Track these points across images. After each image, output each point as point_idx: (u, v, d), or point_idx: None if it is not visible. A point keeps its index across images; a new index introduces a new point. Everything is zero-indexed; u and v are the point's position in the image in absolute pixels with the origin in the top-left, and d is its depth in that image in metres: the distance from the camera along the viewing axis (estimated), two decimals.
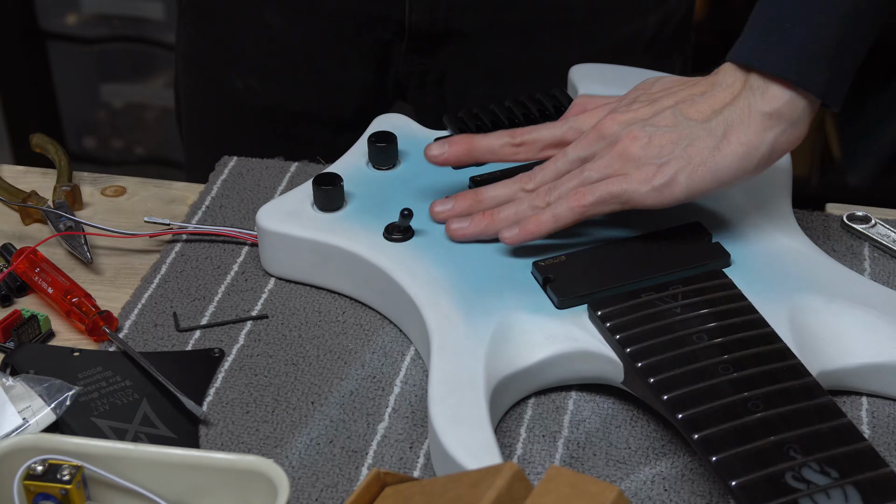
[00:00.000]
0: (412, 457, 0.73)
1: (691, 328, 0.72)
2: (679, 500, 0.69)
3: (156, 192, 0.97)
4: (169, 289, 0.86)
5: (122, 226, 0.92)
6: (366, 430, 0.75)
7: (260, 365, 0.79)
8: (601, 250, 0.80)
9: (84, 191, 0.96)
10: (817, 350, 0.74)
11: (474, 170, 0.88)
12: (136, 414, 0.75)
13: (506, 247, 0.81)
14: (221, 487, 0.65)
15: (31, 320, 0.81)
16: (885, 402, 0.76)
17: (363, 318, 0.83)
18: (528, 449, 0.73)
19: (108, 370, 0.78)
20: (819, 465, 0.63)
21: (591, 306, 0.76)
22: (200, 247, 0.90)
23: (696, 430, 0.65)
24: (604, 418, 0.75)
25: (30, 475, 0.65)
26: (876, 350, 0.74)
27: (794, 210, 0.87)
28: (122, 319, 0.83)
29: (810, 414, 0.66)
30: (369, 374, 0.78)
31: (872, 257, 0.87)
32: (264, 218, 0.85)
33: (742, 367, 0.69)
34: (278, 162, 0.98)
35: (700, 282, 0.76)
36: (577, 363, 0.75)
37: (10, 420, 0.72)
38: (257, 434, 0.75)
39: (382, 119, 0.94)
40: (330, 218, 0.84)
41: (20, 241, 0.90)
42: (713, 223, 0.82)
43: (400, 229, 0.82)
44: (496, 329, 0.74)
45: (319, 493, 0.71)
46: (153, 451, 0.66)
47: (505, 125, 0.91)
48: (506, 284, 0.78)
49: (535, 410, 0.76)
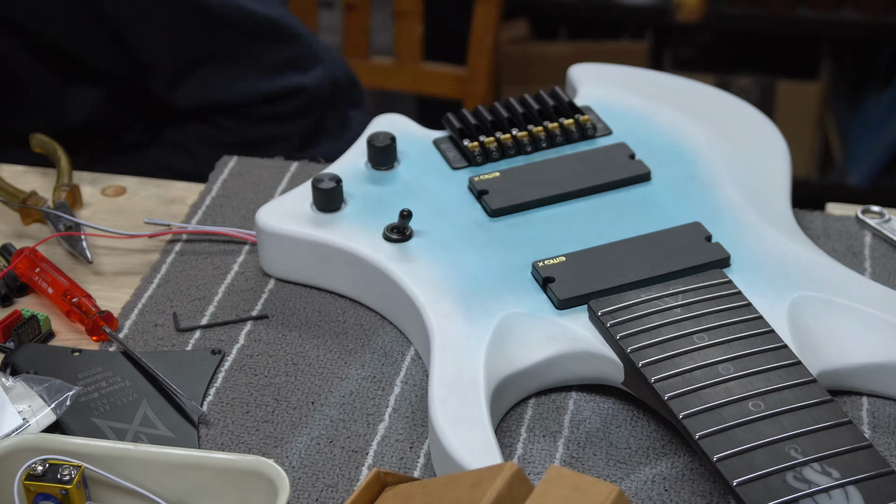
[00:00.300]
0: (412, 457, 0.73)
1: (692, 328, 0.72)
2: (679, 500, 0.69)
3: (156, 192, 0.97)
4: (169, 289, 0.86)
5: (122, 226, 0.92)
6: (366, 430, 0.75)
7: (260, 365, 0.79)
8: (601, 251, 0.80)
9: (84, 191, 0.96)
10: (817, 350, 0.74)
11: (474, 169, 0.89)
12: (136, 414, 0.75)
13: (506, 247, 0.81)
14: (221, 487, 0.65)
15: (32, 320, 0.81)
16: (886, 402, 0.76)
17: (363, 318, 0.83)
18: (528, 449, 0.73)
19: (108, 370, 0.78)
20: (820, 465, 0.63)
21: (591, 307, 0.76)
22: (200, 247, 0.90)
23: (697, 430, 0.65)
24: (604, 418, 0.75)
25: (30, 475, 0.65)
26: (876, 350, 0.74)
27: (794, 210, 0.87)
28: (122, 319, 0.83)
29: (811, 414, 0.66)
30: (369, 374, 0.78)
31: (873, 257, 0.87)
32: (263, 218, 0.84)
33: (742, 367, 0.69)
34: (278, 162, 0.98)
35: (700, 282, 0.76)
36: (577, 364, 0.75)
37: (10, 420, 0.72)
38: (257, 434, 0.75)
39: (382, 119, 0.94)
40: (329, 218, 0.84)
41: (20, 241, 0.90)
42: (713, 223, 0.82)
43: (399, 229, 0.82)
44: (496, 329, 0.74)
45: (319, 493, 0.71)
46: (153, 451, 0.66)
47: (505, 125, 0.91)
48: (506, 285, 0.78)
49: (536, 410, 0.76)
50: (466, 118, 0.92)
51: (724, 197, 0.85)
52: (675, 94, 0.95)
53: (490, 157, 0.90)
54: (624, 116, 0.93)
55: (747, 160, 0.89)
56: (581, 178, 0.87)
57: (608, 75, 0.98)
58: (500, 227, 0.83)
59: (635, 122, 0.93)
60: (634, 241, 0.81)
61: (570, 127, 0.91)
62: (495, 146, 0.90)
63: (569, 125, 0.91)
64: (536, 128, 0.91)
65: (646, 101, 0.94)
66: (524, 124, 0.91)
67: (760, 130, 0.92)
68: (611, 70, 0.99)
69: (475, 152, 0.89)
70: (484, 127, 0.91)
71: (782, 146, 0.91)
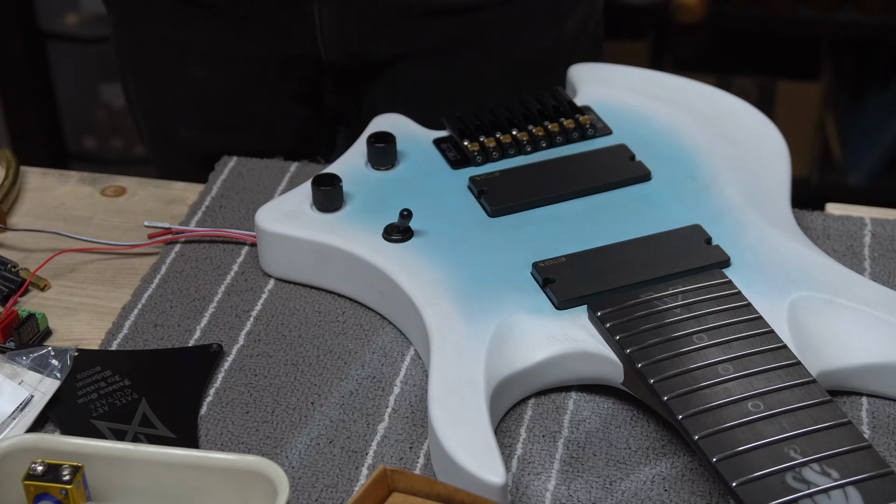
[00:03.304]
0: (412, 457, 0.73)
1: (691, 329, 0.72)
2: (679, 500, 0.69)
3: (156, 192, 0.97)
4: (169, 289, 0.86)
5: (122, 225, 0.92)
6: (366, 430, 0.75)
7: (260, 365, 0.79)
8: (601, 251, 0.80)
9: (84, 191, 0.96)
10: (817, 350, 0.74)
11: (474, 169, 0.89)
12: (136, 414, 0.75)
13: (505, 247, 0.81)
14: (221, 487, 0.65)
15: (30, 319, 0.81)
16: (886, 402, 0.76)
17: (363, 318, 0.83)
18: (528, 449, 0.73)
19: (107, 370, 0.78)
20: (820, 465, 0.63)
21: (590, 307, 0.76)
22: (200, 247, 0.90)
23: (697, 431, 0.65)
24: (604, 418, 0.75)
25: (30, 475, 0.65)
26: (876, 350, 0.74)
27: (794, 210, 0.87)
28: (121, 319, 0.83)
29: (811, 415, 0.66)
30: (369, 374, 0.78)
31: (872, 257, 0.87)
32: (263, 218, 0.84)
33: (742, 367, 0.69)
34: (278, 162, 0.98)
35: (700, 282, 0.76)
36: (576, 364, 0.75)
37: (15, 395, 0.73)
38: (257, 434, 0.75)
39: (381, 119, 0.94)
40: (329, 218, 0.84)
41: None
42: (713, 223, 0.82)
43: (399, 230, 0.82)
44: (496, 330, 0.74)
45: (319, 494, 0.71)
46: (153, 452, 0.66)
47: (505, 125, 0.91)
48: (506, 285, 0.78)
49: (535, 410, 0.76)
50: (466, 118, 0.92)
51: (724, 197, 0.85)
52: (676, 94, 0.95)
53: (490, 157, 0.90)
54: (624, 116, 0.93)
55: (747, 160, 0.89)
56: (581, 178, 0.87)
57: (608, 75, 0.98)
58: (500, 227, 0.83)
59: (635, 122, 0.93)
60: (634, 242, 0.81)
61: (569, 127, 0.91)
62: (495, 146, 0.90)
63: (569, 125, 0.91)
64: (536, 128, 0.91)
65: (646, 101, 0.94)
66: (524, 124, 0.91)
67: (760, 130, 0.92)
68: (611, 70, 0.99)
69: (475, 152, 0.89)
70: (484, 127, 0.91)
71: (782, 146, 0.91)
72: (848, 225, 0.90)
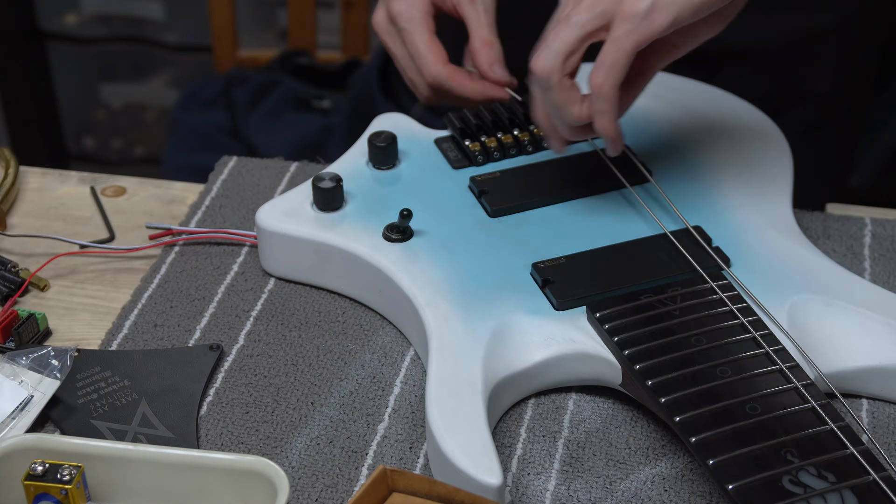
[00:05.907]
0: (412, 457, 0.73)
1: (690, 331, 0.72)
2: (679, 500, 0.70)
3: (156, 192, 0.97)
4: (169, 289, 0.86)
5: (122, 225, 0.92)
6: (366, 431, 0.75)
7: (260, 365, 0.79)
8: (601, 252, 0.80)
9: (83, 191, 0.96)
10: (816, 352, 0.74)
11: (475, 169, 0.89)
12: (135, 415, 0.75)
13: (505, 248, 0.81)
14: (221, 488, 0.66)
15: (30, 319, 0.81)
16: (885, 403, 0.76)
17: (363, 318, 0.83)
18: (528, 449, 0.73)
19: (107, 370, 0.78)
20: (816, 468, 0.63)
21: (589, 308, 0.76)
22: (200, 247, 0.90)
23: (694, 433, 0.65)
24: (604, 418, 0.75)
25: (30, 475, 0.65)
26: (875, 353, 0.74)
27: (794, 210, 0.87)
28: (121, 319, 0.83)
29: (808, 417, 0.66)
30: (369, 374, 0.78)
31: (872, 258, 0.87)
32: (264, 218, 0.85)
33: (740, 370, 0.69)
34: (278, 162, 0.98)
35: (699, 284, 0.76)
36: (575, 365, 0.75)
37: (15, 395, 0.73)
38: (257, 434, 0.75)
39: (382, 119, 0.94)
40: (329, 218, 0.84)
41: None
42: (713, 224, 0.82)
43: (399, 229, 0.82)
44: (495, 330, 0.74)
45: (319, 494, 0.71)
46: (153, 452, 0.66)
47: (505, 124, 0.91)
48: (505, 286, 0.78)
49: (535, 410, 0.76)
50: (468, 118, 0.92)
51: (725, 198, 0.85)
52: (676, 93, 0.95)
53: (491, 156, 0.90)
54: (624, 116, 0.93)
55: (748, 161, 0.89)
56: (582, 178, 0.87)
57: None
58: (501, 227, 0.83)
59: (635, 122, 0.93)
60: (634, 244, 0.81)
61: None
62: (496, 146, 0.90)
63: None
64: (537, 128, 0.91)
65: (646, 101, 0.94)
66: (525, 124, 0.91)
67: (762, 131, 0.92)
68: None
69: (476, 152, 0.89)
70: (485, 127, 0.91)
71: (784, 147, 0.91)
72: (848, 225, 0.90)
